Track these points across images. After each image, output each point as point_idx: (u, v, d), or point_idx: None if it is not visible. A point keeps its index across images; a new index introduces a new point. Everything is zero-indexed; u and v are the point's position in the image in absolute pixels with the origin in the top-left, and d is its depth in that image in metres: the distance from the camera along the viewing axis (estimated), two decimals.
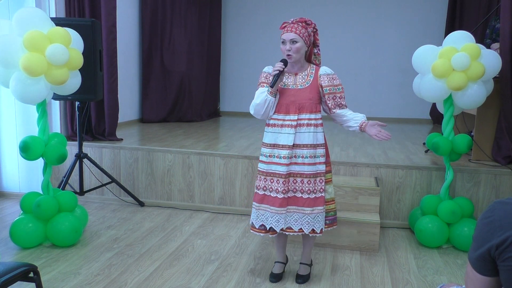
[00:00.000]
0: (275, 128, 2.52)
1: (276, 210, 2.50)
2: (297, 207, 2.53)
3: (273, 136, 2.52)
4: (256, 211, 2.57)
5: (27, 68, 2.75)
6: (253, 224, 2.59)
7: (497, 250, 1.14)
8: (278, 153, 2.50)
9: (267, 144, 2.55)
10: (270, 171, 2.52)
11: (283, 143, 2.49)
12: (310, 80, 2.52)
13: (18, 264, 1.83)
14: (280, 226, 2.51)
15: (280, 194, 2.49)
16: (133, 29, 5.87)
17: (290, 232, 2.55)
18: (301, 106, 2.48)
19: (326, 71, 2.54)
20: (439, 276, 2.81)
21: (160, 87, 6.18)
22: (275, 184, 2.51)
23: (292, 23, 2.45)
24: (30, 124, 4.10)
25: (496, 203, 1.19)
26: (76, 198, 3.33)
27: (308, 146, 2.49)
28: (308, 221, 2.53)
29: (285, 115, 2.49)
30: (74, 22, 3.59)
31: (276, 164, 2.50)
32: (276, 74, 2.42)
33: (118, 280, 2.67)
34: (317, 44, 2.58)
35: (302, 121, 2.48)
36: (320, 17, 7.20)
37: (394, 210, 3.69)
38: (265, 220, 2.54)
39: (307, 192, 2.51)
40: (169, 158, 4.10)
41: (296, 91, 2.50)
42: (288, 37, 2.42)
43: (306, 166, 2.50)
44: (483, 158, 3.79)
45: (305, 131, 2.48)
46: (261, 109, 2.48)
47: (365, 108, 7.14)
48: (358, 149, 4.43)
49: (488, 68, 3.03)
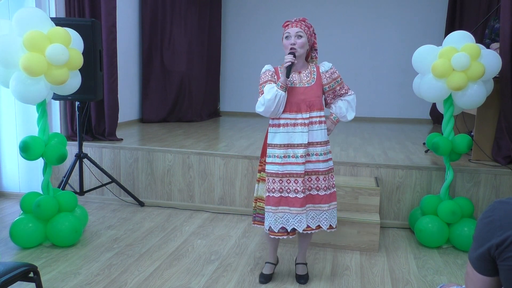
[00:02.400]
0: (288, 127, 2.48)
1: (297, 210, 2.47)
2: (313, 205, 2.53)
3: (286, 136, 2.49)
4: (274, 215, 2.50)
5: (27, 68, 2.75)
6: (271, 228, 2.52)
7: (497, 249, 1.14)
8: (294, 153, 2.47)
9: (279, 144, 2.50)
10: (286, 172, 2.48)
11: (298, 142, 2.47)
12: (314, 78, 2.53)
13: (18, 264, 1.83)
14: (303, 226, 2.49)
15: (300, 194, 2.47)
16: (133, 29, 5.87)
17: (309, 231, 2.54)
18: (311, 104, 2.49)
19: (326, 67, 2.56)
20: (439, 276, 2.81)
21: (160, 87, 6.18)
22: (293, 184, 2.48)
23: (295, 21, 2.48)
24: (30, 124, 4.10)
25: (496, 202, 1.19)
26: (76, 198, 3.33)
27: (322, 143, 2.51)
28: (326, 217, 2.54)
29: (296, 113, 2.48)
30: (74, 22, 3.59)
31: (292, 164, 2.47)
32: (288, 65, 2.39)
33: (118, 280, 2.67)
34: (315, 48, 2.60)
35: (314, 119, 2.49)
36: (320, 17, 7.20)
37: (394, 210, 3.69)
38: (285, 222, 2.49)
39: (323, 189, 2.52)
40: (169, 158, 4.10)
41: (305, 89, 2.49)
42: (293, 31, 2.43)
43: (321, 163, 2.51)
44: (483, 158, 3.79)
45: (318, 128, 2.50)
46: (272, 105, 2.42)
47: (365, 108, 7.15)
48: (358, 149, 4.43)
49: (488, 68, 3.03)
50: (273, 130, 2.53)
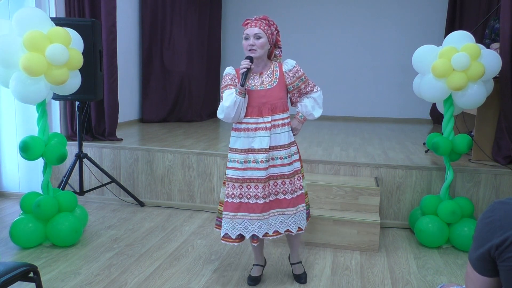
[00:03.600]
0: (249, 132, 2.41)
1: (258, 216, 2.40)
2: (281, 209, 2.47)
3: (246, 140, 2.42)
4: (231, 221, 2.43)
5: (27, 68, 2.75)
6: (227, 234, 2.45)
7: (497, 250, 1.14)
8: (255, 158, 2.40)
9: (240, 149, 2.43)
10: (247, 177, 2.41)
11: (259, 147, 2.39)
12: (276, 79, 2.44)
13: (18, 264, 1.83)
14: (263, 232, 2.43)
15: (260, 200, 2.40)
16: (133, 29, 5.87)
17: (276, 235, 2.47)
18: (273, 107, 2.41)
19: (289, 66, 2.46)
20: (439, 276, 2.81)
21: (160, 87, 6.18)
22: (253, 190, 2.40)
23: (255, 19, 2.38)
24: (30, 124, 4.10)
25: (496, 203, 1.19)
26: (76, 198, 3.33)
27: (285, 146, 2.44)
28: (294, 220, 2.48)
29: (257, 117, 2.40)
30: (74, 22, 3.59)
31: (253, 169, 2.40)
32: (244, 72, 2.33)
33: (118, 280, 2.67)
34: (279, 46, 2.51)
35: (276, 122, 2.41)
36: (320, 17, 7.21)
37: (394, 210, 3.69)
38: (243, 229, 2.42)
39: (290, 193, 2.46)
40: (169, 158, 4.10)
41: (266, 92, 2.41)
42: (252, 32, 2.34)
43: (286, 167, 2.44)
44: (483, 158, 3.79)
45: (281, 131, 2.43)
46: (231, 112, 2.35)
47: (366, 108, 7.16)
48: (358, 149, 4.43)
49: (488, 68, 3.03)
50: (235, 135, 2.46)
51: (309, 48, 7.26)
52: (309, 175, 3.73)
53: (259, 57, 2.39)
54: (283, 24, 7.30)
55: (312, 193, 3.44)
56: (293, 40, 7.17)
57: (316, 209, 3.39)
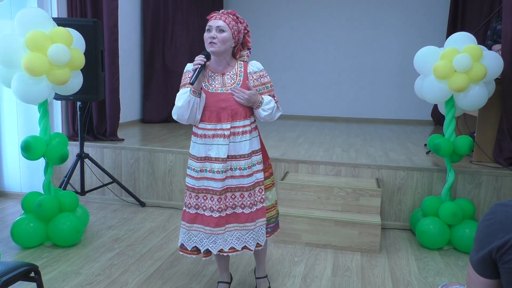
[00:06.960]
0: (206, 139, 2.17)
1: (211, 230, 2.19)
2: (238, 225, 2.22)
3: (203, 148, 2.18)
4: (188, 232, 2.25)
5: (29, 68, 2.75)
6: (183, 245, 2.28)
7: (498, 252, 1.14)
8: (211, 167, 2.17)
9: (196, 157, 2.21)
10: (202, 188, 2.20)
11: (216, 156, 2.16)
12: (240, 80, 2.20)
13: (19, 264, 1.84)
14: (218, 247, 2.21)
15: (215, 213, 2.18)
16: (135, 29, 5.87)
17: (232, 252, 2.24)
18: (234, 113, 2.16)
19: (254, 68, 2.24)
20: (440, 278, 2.81)
21: (162, 87, 6.18)
22: (208, 201, 2.20)
23: (222, 13, 2.16)
24: (32, 124, 4.11)
25: (497, 205, 1.19)
26: (77, 198, 3.33)
27: (245, 156, 2.19)
28: (252, 236, 2.23)
29: (216, 123, 2.16)
30: (76, 22, 3.60)
31: (209, 179, 2.18)
32: (196, 69, 2.08)
33: (119, 280, 2.67)
34: (249, 47, 2.30)
35: (236, 129, 2.17)
36: (320, 18, 7.20)
37: (395, 211, 3.69)
38: (199, 242, 2.23)
39: (248, 207, 2.22)
40: (170, 158, 4.11)
41: (227, 95, 2.17)
42: (215, 24, 2.11)
43: (245, 178, 2.20)
44: (484, 160, 3.79)
45: (241, 140, 2.18)
46: (185, 113, 2.13)
47: (367, 109, 7.16)
48: (359, 150, 4.42)
49: (490, 69, 3.02)
50: (194, 140, 2.24)
51: (310, 50, 7.25)
52: (310, 176, 3.73)
53: (219, 54, 2.14)
54: (284, 25, 7.31)
55: (313, 194, 3.44)
56: (294, 41, 7.17)
57: (317, 210, 3.39)
